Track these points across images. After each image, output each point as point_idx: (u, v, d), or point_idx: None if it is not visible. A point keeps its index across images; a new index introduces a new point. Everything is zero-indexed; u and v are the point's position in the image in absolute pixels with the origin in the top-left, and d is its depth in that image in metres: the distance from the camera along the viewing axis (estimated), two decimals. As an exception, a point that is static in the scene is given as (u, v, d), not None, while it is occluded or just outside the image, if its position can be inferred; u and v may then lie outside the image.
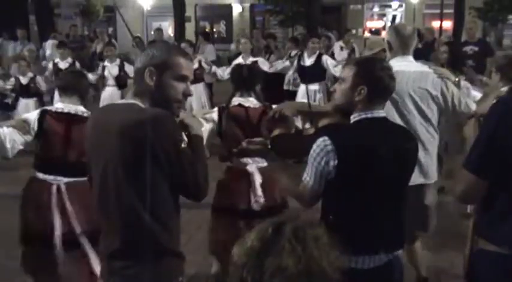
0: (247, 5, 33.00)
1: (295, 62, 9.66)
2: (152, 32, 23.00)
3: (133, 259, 2.51)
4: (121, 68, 9.94)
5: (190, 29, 28.68)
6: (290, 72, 10.10)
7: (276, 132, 3.16)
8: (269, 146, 3.14)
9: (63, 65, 10.15)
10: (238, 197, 4.37)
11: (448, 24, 25.54)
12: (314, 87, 9.31)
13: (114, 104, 2.73)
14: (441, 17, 22.78)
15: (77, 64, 10.34)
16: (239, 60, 9.87)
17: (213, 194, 4.25)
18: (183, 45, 10.42)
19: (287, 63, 9.94)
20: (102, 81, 9.97)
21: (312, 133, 3.05)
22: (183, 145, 2.47)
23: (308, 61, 9.32)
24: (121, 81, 9.86)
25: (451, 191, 2.92)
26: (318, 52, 9.36)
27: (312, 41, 9.56)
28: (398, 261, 2.96)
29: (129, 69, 9.79)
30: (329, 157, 2.71)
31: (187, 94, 2.62)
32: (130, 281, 2.54)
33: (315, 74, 9.21)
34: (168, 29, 30.03)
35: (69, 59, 10.35)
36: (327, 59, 9.32)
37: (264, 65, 9.64)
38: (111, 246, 2.58)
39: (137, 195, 2.46)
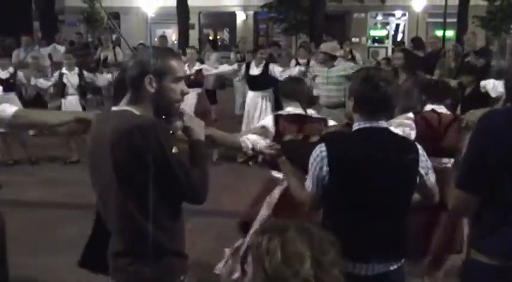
0: (250, 12, 33.09)
1: (243, 70, 10.03)
2: (156, 39, 23.03)
3: (135, 258, 2.61)
4: (81, 77, 9.83)
5: (193, 36, 28.77)
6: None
7: (287, 137, 3.30)
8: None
9: (3, 74, 9.73)
10: None
11: (451, 33, 25.60)
12: (263, 94, 9.72)
13: (110, 112, 2.74)
14: (444, 25, 22.80)
15: (19, 74, 9.96)
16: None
17: (217, 200, 4.27)
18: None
19: (235, 66, 10.37)
20: (62, 89, 9.77)
21: (317, 140, 3.14)
22: (173, 150, 2.51)
23: (256, 70, 9.71)
24: (82, 90, 9.81)
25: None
26: (264, 61, 9.79)
27: (260, 52, 9.99)
28: (398, 276, 2.96)
29: (89, 77, 9.90)
30: (322, 163, 2.82)
31: (185, 93, 2.71)
32: (133, 277, 2.63)
33: (263, 82, 9.62)
34: (172, 36, 30.13)
35: (11, 69, 9.89)
36: (273, 67, 9.70)
37: (207, 71, 10.10)
38: (115, 247, 2.69)
39: (132, 200, 2.54)
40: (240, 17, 33.66)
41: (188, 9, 25.01)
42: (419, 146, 2.95)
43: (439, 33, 23.42)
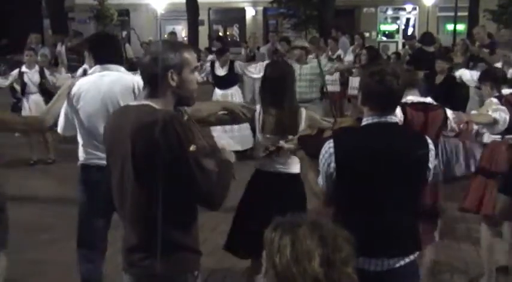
0: (260, 8, 33.08)
1: (209, 69, 10.21)
2: (166, 36, 23.08)
3: (149, 252, 2.62)
4: (41, 74, 9.70)
5: (203, 32, 28.78)
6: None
7: (303, 132, 3.32)
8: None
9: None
10: None
11: (462, 27, 25.47)
12: (231, 91, 9.97)
13: (128, 106, 2.80)
14: (455, 19, 22.70)
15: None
16: None
17: (230, 197, 4.28)
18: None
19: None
20: (23, 88, 9.61)
21: (328, 135, 3.16)
22: (191, 148, 2.52)
23: (222, 71, 9.90)
24: (43, 88, 9.62)
25: None
26: (229, 61, 9.98)
27: (226, 55, 10.06)
28: (411, 269, 2.95)
29: (51, 77, 9.76)
30: (330, 159, 2.81)
31: (199, 82, 2.82)
32: (146, 271, 2.66)
33: (230, 80, 9.92)
34: (182, 32, 30.17)
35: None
36: (239, 64, 10.01)
37: None
38: (129, 241, 2.71)
39: (149, 195, 2.56)
40: (250, 12, 33.64)
41: (198, 5, 25.03)
42: (429, 141, 2.93)
43: (450, 27, 23.31)
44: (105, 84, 4.14)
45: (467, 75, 7.77)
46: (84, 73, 4.33)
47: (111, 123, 2.82)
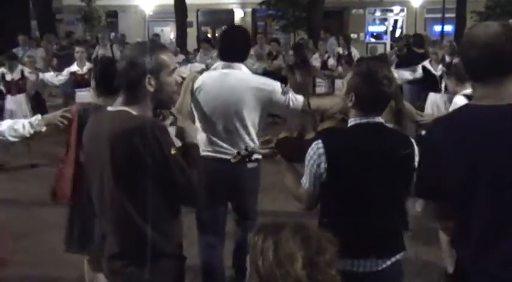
0: (249, 10, 33.07)
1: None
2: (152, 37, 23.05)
3: (131, 260, 2.60)
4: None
5: (192, 34, 28.73)
6: None
7: (282, 135, 3.26)
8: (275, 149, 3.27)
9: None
10: None
11: (449, 28, 25.59)
12: None
13: (105, 112, 2.72)
14: (443, 21, 22.81)
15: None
16: (74, 67, 9.80)
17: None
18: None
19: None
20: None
21: (311, 137, 3.11)
22: (172, 151, 2.52)
23: None
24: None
25: None
26: None
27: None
28: (397, 268, 2.96)
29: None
30: (320, 160, 2.80)
31: (178, 82, 2.76)
32: (129, 279, 2.63)
33: None
34: (170, 33, 30.12)
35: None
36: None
37: None
38: (111, 249, 2.68)
39: (130, 202, 2.53)
40: (238, 14, 33.62)
41: (186, 6, 24.96)
42: (413, 140, 2.96)
43: (438, 28, 23.41)
44: (229, 82, 4.10)
45: (395, 74, 8.07)
46: None
47: (88, 130, 2.77)
